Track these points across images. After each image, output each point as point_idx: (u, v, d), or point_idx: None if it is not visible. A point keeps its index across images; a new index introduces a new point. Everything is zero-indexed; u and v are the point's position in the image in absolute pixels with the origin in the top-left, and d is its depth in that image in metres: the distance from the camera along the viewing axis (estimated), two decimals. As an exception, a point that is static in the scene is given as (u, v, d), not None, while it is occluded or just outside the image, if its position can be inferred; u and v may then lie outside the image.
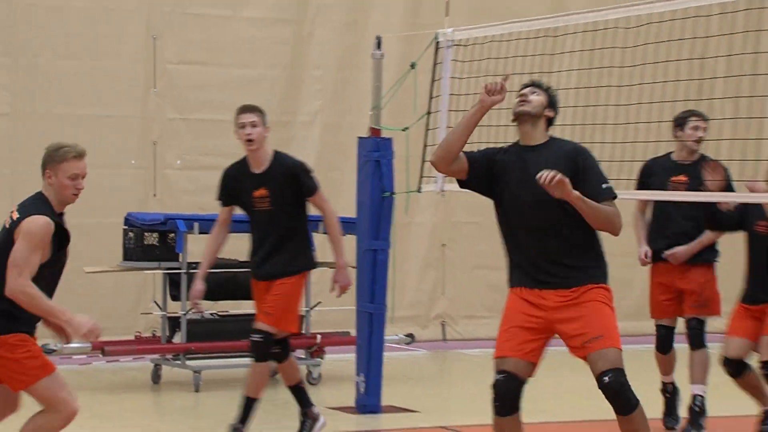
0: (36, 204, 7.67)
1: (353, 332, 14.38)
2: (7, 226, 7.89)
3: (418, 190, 14.23)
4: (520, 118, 8.13)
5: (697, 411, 12.04)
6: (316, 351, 15.55)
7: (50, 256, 8.18)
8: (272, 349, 10.84)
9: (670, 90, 14.52)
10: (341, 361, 15.52)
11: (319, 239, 15.05)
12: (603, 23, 14.21)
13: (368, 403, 13.47)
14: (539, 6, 19.42)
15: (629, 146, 14.13)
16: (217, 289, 14.67)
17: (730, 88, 16.13)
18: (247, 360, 14.19)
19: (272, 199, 10.64)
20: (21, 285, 7.39)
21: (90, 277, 16.29)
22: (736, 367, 11.34)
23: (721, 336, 13.04)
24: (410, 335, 17.95)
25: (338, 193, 17.72)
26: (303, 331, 15.73)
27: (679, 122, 12.19)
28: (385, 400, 13.74)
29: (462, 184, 8.35)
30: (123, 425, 13.20)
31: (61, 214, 8.15)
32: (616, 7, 13.49)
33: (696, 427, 12.08)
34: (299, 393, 11.97)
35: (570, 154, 8.24)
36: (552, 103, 8.35)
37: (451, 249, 20.12)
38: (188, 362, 15.07)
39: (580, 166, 8.09)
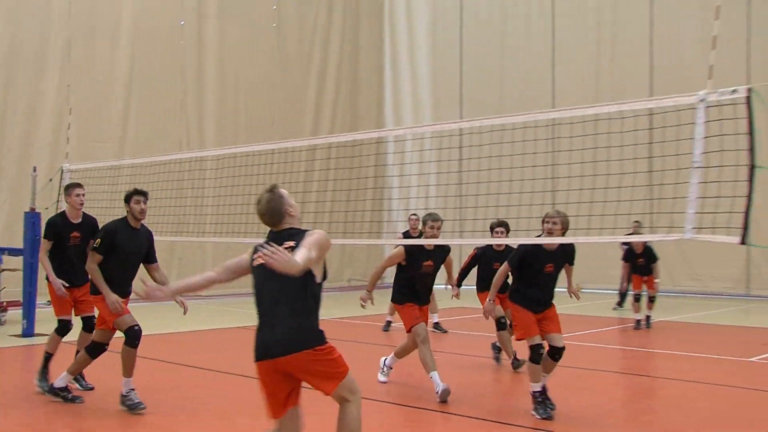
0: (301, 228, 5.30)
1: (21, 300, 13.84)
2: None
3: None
4: (141, 218, 8.06)
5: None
6: (4, 309, 15.06)
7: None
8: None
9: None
10: (17, 313, 14.37)
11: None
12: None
13: (28, 333, 13.43)
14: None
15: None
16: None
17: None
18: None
19: (82, 239, 8.98)
20: None
21: None
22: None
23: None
24: (49, 302, 18.67)
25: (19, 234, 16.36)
26: (-3, 300, 15.22)
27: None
28: (37, 330, 13.46)
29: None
30: None
31: None
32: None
33: None
34: None
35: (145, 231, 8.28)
36: None
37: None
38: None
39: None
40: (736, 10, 21.59)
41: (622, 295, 18.55)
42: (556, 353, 7.88)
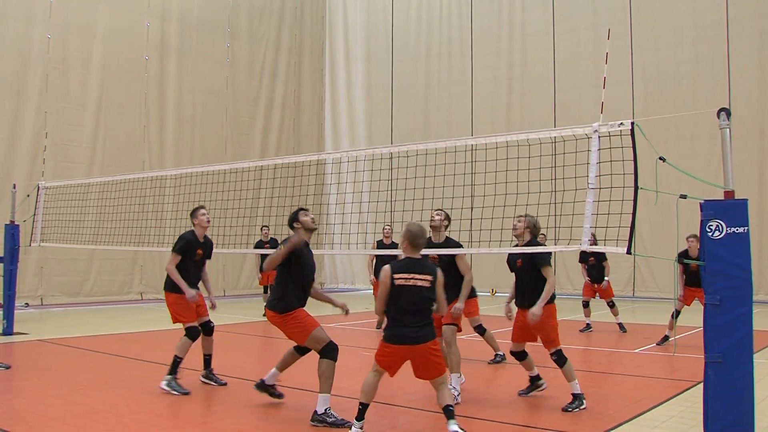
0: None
1: (2, 302, 13.52)
2: None
3: (29, 245, 14.24)
4: (315, 227, 7.35)
5: None
6: None
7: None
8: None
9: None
10: None
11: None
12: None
13: (8, 332, 13.10)
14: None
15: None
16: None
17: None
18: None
19: (203, 256, 8.65)
20: None
21: None
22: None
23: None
24: (26, 304, 18.08)
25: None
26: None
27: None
28: (16, 329, 13.29)
29: None
30: None
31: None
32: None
33: None
34: None
35: None
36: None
37: (48, 267, 19.47)
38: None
39: None
40: (622, 57, 22.29)
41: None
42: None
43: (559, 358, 7.62)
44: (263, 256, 15.48)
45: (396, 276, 6.15)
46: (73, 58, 20.76)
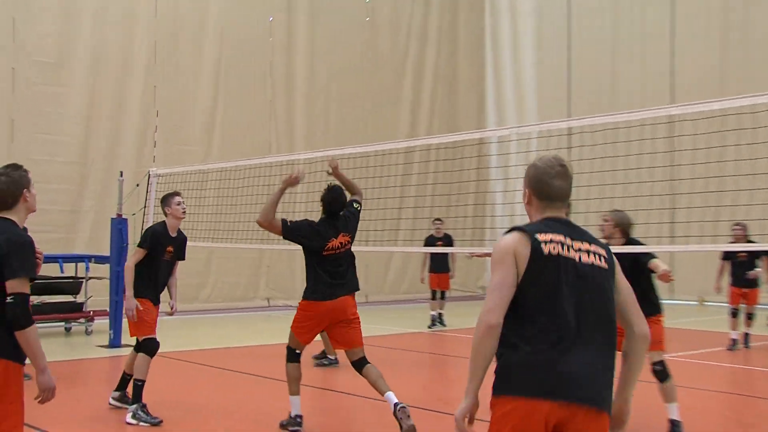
0: None
1: (108, 310, 14.02)
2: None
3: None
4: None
5: None
6: (90, 319, 15.31)
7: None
8: None
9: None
10: (104, 323, 14.71)
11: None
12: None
13: (115, 343, 13.57)
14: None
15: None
16: None
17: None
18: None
19: (174, 255, 8.64)
20: None
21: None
22: None
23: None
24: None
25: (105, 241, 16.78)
26: (84, 309, 15.46)
27: None
28: (124, 341, 13.32)
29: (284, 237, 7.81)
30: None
31: None
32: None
33: None
34: None
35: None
36: None
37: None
38: None
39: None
40: None
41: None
42: None
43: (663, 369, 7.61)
44: (433, 255, 15.01)
45: (542, 236, 3.69)
46: (186, 22, 21.18)
